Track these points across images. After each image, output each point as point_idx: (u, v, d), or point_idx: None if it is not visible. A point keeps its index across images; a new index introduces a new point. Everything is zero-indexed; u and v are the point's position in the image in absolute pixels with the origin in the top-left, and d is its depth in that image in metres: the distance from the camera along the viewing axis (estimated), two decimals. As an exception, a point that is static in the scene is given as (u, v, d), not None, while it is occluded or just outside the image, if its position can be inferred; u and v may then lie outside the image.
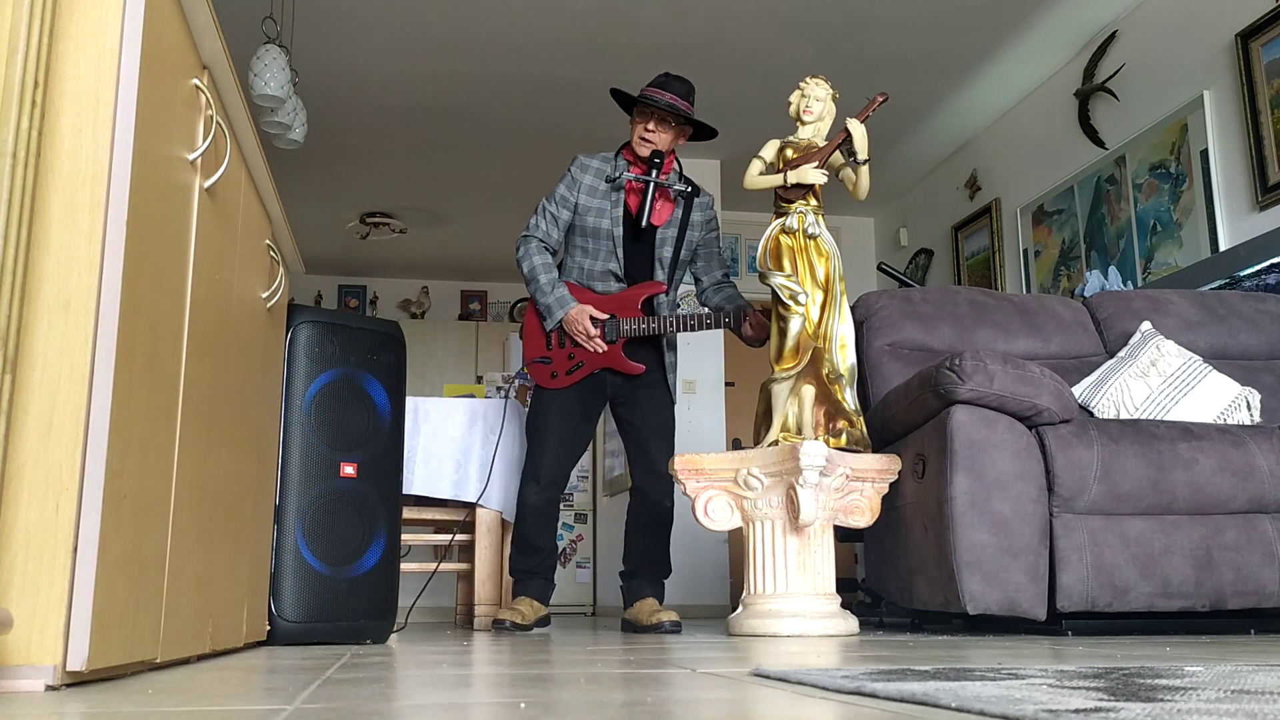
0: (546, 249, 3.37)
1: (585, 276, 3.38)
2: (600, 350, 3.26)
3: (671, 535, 3.47)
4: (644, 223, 3.29)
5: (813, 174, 3.08)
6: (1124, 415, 3.18)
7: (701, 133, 3.45)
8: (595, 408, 3.43)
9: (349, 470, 2.58)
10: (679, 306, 3.61)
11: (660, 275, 3.40)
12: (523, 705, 1.05)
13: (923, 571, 2.91)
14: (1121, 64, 4.87)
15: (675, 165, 3.43)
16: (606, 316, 3.30)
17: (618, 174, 3.36)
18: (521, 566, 3.40)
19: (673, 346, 3.48)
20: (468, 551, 4.02)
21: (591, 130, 5.92)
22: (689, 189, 3.40)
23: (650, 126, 3.33)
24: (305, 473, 2.51)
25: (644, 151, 3.35)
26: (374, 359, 2.69)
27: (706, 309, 3.47)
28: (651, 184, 3.29)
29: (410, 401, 3.77)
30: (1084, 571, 2.69)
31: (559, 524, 3.60)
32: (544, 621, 3.43)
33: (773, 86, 5.47)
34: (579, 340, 3.28)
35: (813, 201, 3.15)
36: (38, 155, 1.18)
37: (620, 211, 3.35)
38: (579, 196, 3.36)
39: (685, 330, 3.31)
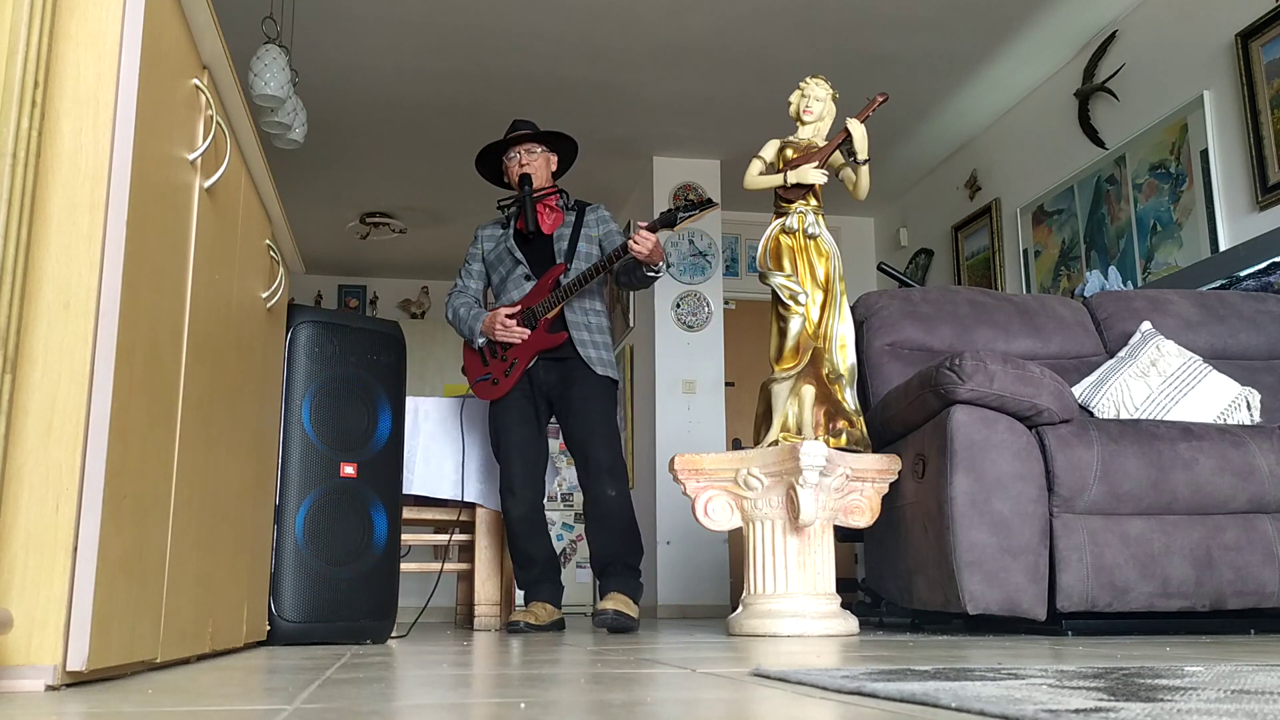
0: (465, 297, 3.68)
1: (505, 293, 3.59)
2: (523, 337, 3.43)
3: (634, 521, 3.42)
4: (529, 227, 3.51)
5: (813, 174, 3.08)
6: (1124, 415, 3.18)
7: (567, 156, 3.72)
8: (543, 410, 3.54)
9: (349, 470, 2.58)
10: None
11: (560, 261, 3.54)
12: (523, 705, 1.05)
13: (923, 571, 2.91)
14: (1121, 64, 4.87)
15: (562, 195, 3.65)
16: (517, 309, 3.48)
17: (506, 218, 3.68)
18: (525, 579, 3.51)
19: (589, 326, 3.49)
20: (468, 551, 4.02)
21: (591, 130, 5.92)
22: (552, 191, 3.63)
23: (523, 160, 3.61)
24: (305, 473, 2.51)
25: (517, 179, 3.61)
26: (374, 359, 2.69)
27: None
28: (527, 197, 3.53)
29: (410, 401, 3.77)
30: (1084, 571, 2.69)
31: (552, 528, 3.62)
32: (558, 625, 3.45)
33: (773, 86, 5.47)
34: (498, 334, 3.45)
35: (813, 201, 3.15)
36: (38, 155, 1.18)
37: (511, 231, 3.63)
38: (483, 247, 3.71)
39: (583, 285, 3.38)
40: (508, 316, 3.46)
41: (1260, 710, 0.87)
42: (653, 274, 3.40)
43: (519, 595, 3.86)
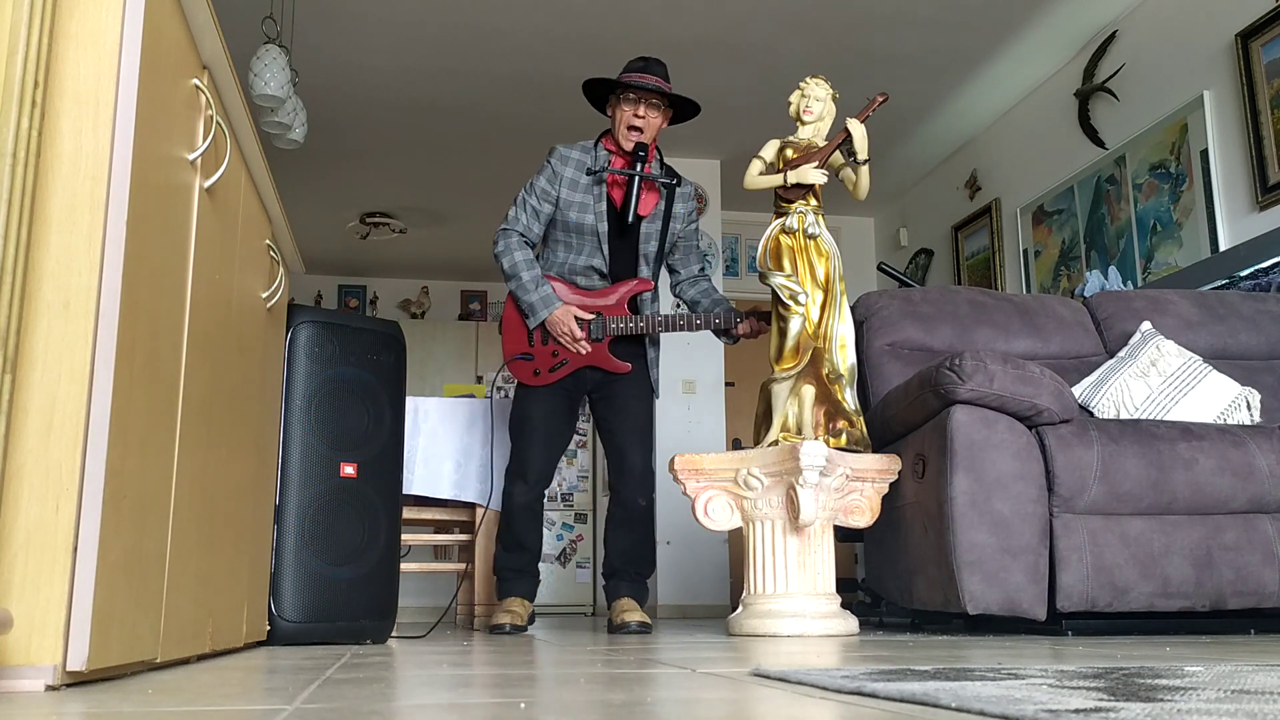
0: (527, 243, 3.28)
1: (568, 271, 3.29)
2: (585, 352, 3.22)
3: (654, 532, 3.42)
4: (630, 217, 3.21)
5: (813, 174, 3.08)
6: (1124, 415, 3.18)
7: (680, 115, 3.37)
8: (578, 403, 3.38)
9: (349, 470, 2.58)
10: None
11: (645, 272, 3.35)
12: (523, 705, 1.05)
13: (923, 571, 2.91)
14: (1121, 64, 4.87)
15: (657, 154, 3.37)
16: (592, 316, 3.24)
17: (599, 166, 3.26)
18: (511, 565, 3.33)
19: (655, 343, 3.42)
20: (468, 551, 4.02)
21: (591, 129, 5.91)
22: (675, 180, 3.33)
23: (640, 112, 3.25)
24: (305, 473, 2.51)
25: (630, 144, 3.25)
26: (374, 359, 2.69)
27: (695, 311, 3.41)
28: (637, 178, 3.21)
29: (410, 401, 3.77)
30: (1084, 571, 2.69)
31: (552, 528, 3.56)
32: (531, 619, 3.40)
33: (773, 86, 5.47)
34: (563, 342, 3.22)
35: (813, 201, 3.15)
36: (38, 155, 1.18)
37: (604, 206, 3.26)
38: (560, 190, 3.26)
39: (673, 330, 3.28)
40: (578, 320, 3.21)
41: (1260, 710, 0.87)
42: (725, 342, 3.39)
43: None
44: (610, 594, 3.36)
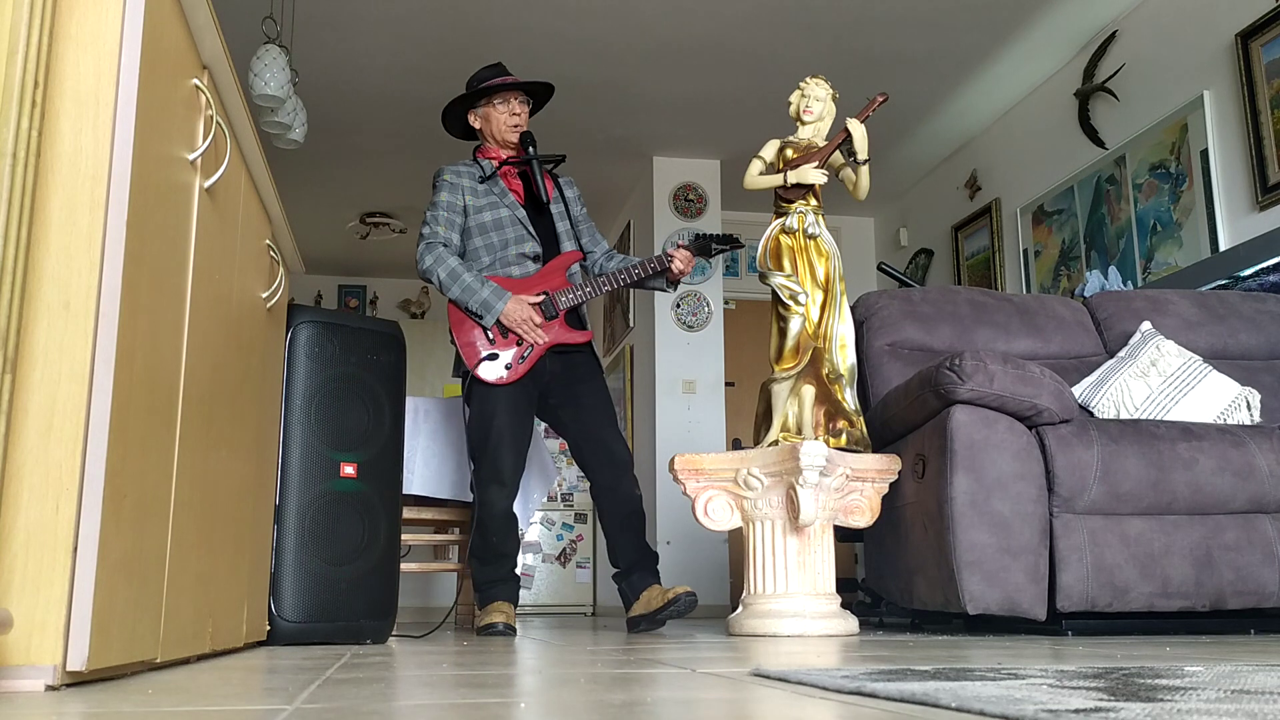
0: (458, 259, 3.31)
1: (500, 266, 3.32)
2: (543, 340, 3.24)
3: (665, 530, 3.42)
4: (543, 195, 3.33)
5: (813, 174, 3.08)
6: (1124, 415, 3.18)
7: (538, 105, 3.53)
8: (535, 401, 3.34)
9: (349, 470, 2.58)
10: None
11: (569, 245, 3.40)
12: (523, 705, 1.05)
13: (923, 571, 2.91)
14: (1121, 64, 4.87)
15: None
16: (540, 297, 3.26)
17: (490, 171, 3.39)
18: (491, 578, 3.26)
19: (588, 319, 3.46)
20: (467, 551, 4.01)
21: (591, 130, 5.92)
22: (561, 157, 3.48)
23: (516, 109, 3.40)
24: (305, 473, 2.51)
25: (515, 137, 3.40)
26: (374, 359, 2.69)
27: (633, 263, 3.40)
28: (535, 160, 3.33)
29: (410, 401, 3.77)
30: (1084, 571, 2.69)
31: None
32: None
33: (773, 86, 5.47)
34: (521, 331, 3.23)
35: (813, 201, 3.15)
36: (38, 155, 1.18)
37: (511, 198, 3.37)
38: (465, 198, 3.36)
39: (618, 286, 3.31)
40: (531, 305, 3.23)
41: (1260, 710, 0.87)
42: (666, 290, 3.40)
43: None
44: (637, 586, 3.28)
